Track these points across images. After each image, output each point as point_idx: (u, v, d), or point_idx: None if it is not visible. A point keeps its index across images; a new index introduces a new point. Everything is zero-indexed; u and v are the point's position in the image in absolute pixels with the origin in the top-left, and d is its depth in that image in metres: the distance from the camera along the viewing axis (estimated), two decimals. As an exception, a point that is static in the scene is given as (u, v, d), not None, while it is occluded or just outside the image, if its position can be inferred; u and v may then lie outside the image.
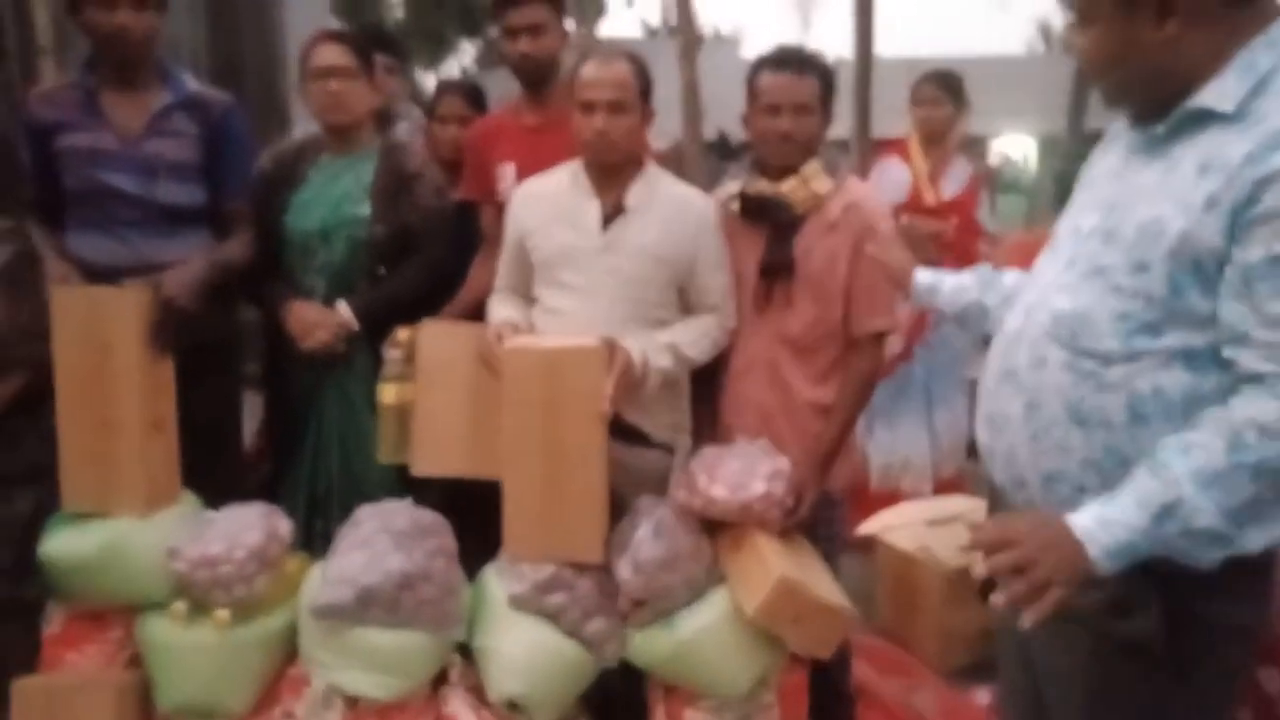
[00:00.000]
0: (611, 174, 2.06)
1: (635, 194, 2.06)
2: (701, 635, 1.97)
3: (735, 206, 2.12)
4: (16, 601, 2.03)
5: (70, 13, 2.12)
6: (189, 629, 1.88)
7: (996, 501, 1.51)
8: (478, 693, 1.96)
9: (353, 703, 1.85)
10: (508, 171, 2.33)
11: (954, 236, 3.38)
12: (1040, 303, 1.34)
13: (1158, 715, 1.30)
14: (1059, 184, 11.18)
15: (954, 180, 3.48)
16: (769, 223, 2.08)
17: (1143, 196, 1.23)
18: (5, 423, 2.02)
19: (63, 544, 1.93)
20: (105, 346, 1.93)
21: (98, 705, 1.86)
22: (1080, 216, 1.35)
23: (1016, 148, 16.21)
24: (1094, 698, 1.31)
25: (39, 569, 1.96)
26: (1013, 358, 1.35)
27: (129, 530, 1.93)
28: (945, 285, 1.76)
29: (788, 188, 2.04)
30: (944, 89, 3.44)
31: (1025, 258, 2.39)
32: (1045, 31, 32.20)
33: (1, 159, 2.33)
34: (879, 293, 2.06)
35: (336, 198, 2.26)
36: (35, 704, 1.85)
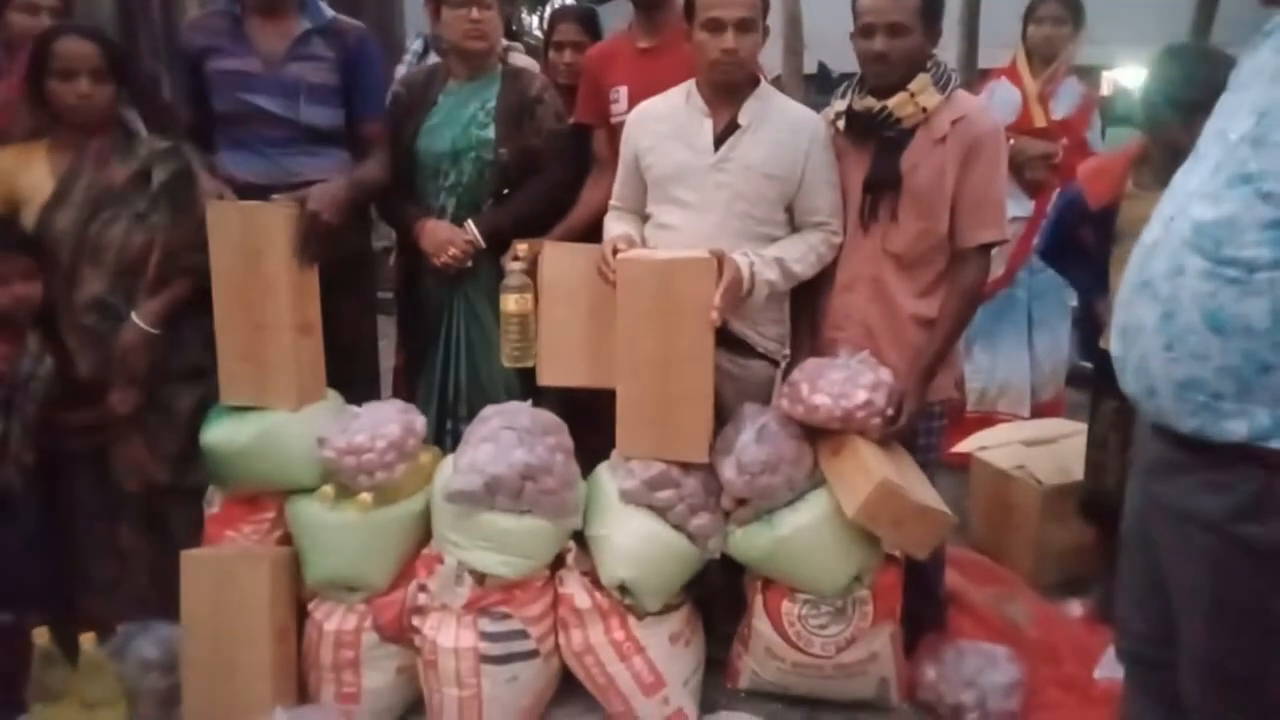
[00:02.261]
0: (727, 93, 2.11)
1: (748, 112, 2.11)
2: (800, 533, 2.08)
3: (842, 123, 2.15)
4: (182, 486, 2.27)
5: None
6: (335, 510, 2.07)
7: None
8: (591, 576, 2.12)
9: (480, 580, 2.03)
10: (621, 94, 2.39)
11: (1064, 158, 3.31)
12: (1179, 212, 1.30)
13: None
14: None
15: (1065, 101, 3.38)
16: (875, 138, 2.10)
17: None
18: (171, 327, 2.21)
19: (222, 434, 2.13)
20: (257, 256, 2.09)
21: (255, 575, 2.06)
22: (1228, 121, 1.29)
23: (1131, 78, 15.30)
24: (1219, 603, 1.29)
25: (201, 457, 2.18)
26: (1149, 268, 1.32)
27: (281, 421, 2.12)
28: None
29: (894, 102, 2.05)
30: (1066, 7, 3.33)
31: (1101, 181, 2.37)
32: (1169, -48, 29.91)
33: (152, 90, 2.53)
34: (987, 205, 2.07)
35: (464, 121, 2.38)
36: (202, 572, 2.07)
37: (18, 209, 2.15)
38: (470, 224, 2.37)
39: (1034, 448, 2.94)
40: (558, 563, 2.14)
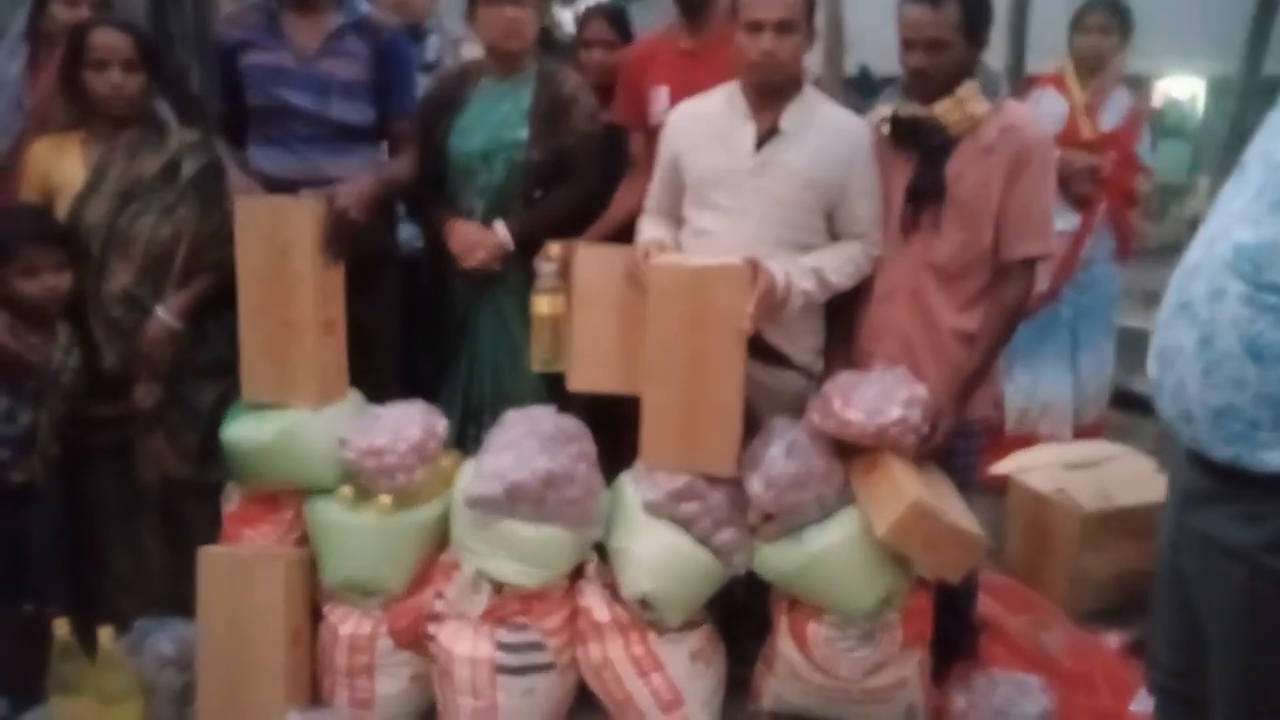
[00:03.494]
0: (769, 96, 2.06)
1: (791, 116, 2.06)
2: (829, 552, 2.02)
3: (886, 130, 2.09)
4: (201, 482, 2.26)
5: None
6: (354, 512, 2.05)
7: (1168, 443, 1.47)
8: (612, 589, 2.08)
9: (498, 588, 1.99)
10: (661, 95, 2.34)
11: (1111, 171, 3.21)
12: (1222, 233, 1.28)
13: None
14: (1231, 130, 10.31)
15: (1113, 112, 3.28)
16: (920, 146, 2.04)
17: None
18: (196, 322, 2.21)
19: (242, 431, 2.12)
20: (283, 252, 2.07)
21: (271, 575, 2.04)
22: (1273, 141, 1.27)
23: (1183, 90, 15.01)
24: (1251, 635, 1.28)
25: (221, 453, 2.17)
26: (1189, 290, 1.31)
27: (302, 420, 2.10)
28: None
29: (941, 109, 1.99)
30: (1113, 16, 3.24)
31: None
32: (1223, -36, 29.40)
33: (182, 82, 2.53)
34: (1033, 217, 2.00)
35: (497, 122, 2.35)
36: (218, 570, 2.06)
37: (52, 199, 2.16)
38: (500, 226, 2.33)
39: (1075, 471, 2.85)
40: (578, 574, 2.10)
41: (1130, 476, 2.82)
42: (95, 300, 2.14)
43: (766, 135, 2.07)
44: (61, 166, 2.16)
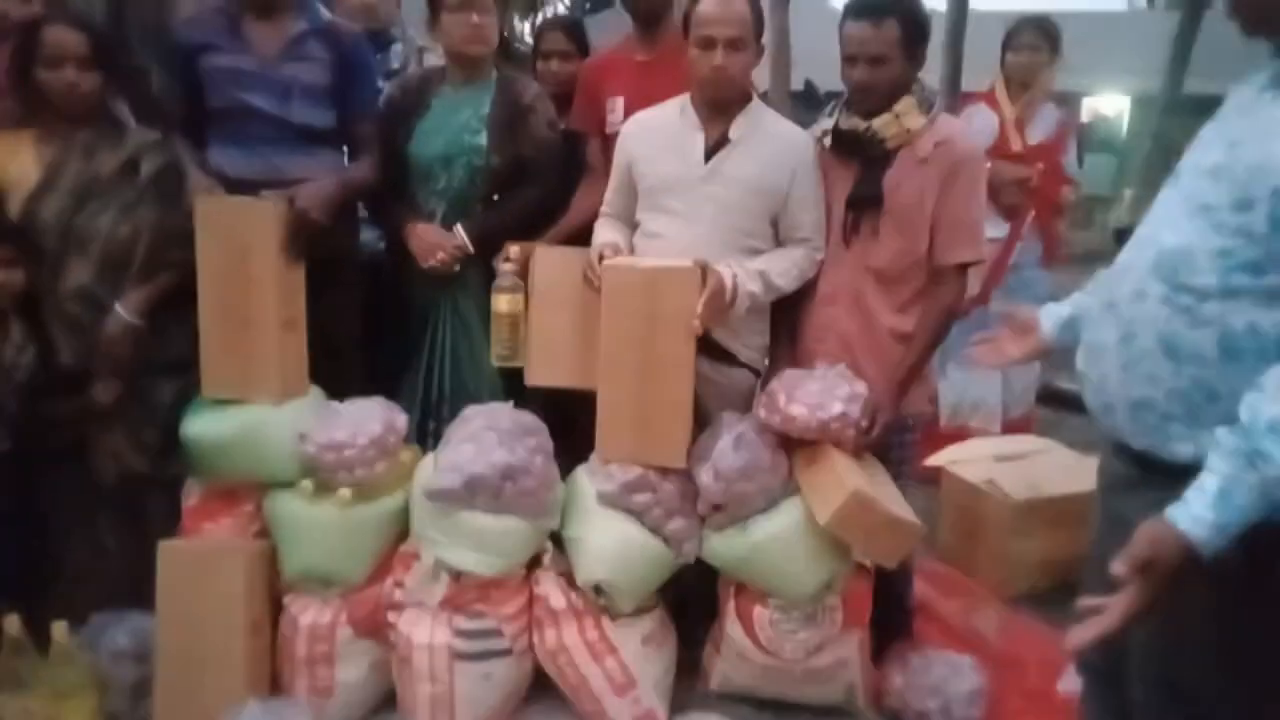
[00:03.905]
0: (719, 108, 2.15)
1: (739, 127, 2.15)
2: (773, 540, 2.11)
3: (828, 141, 2.20)
4: (160, 477, 2.27)
5: None
6: (314, 505, 2.09)
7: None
8: (567, 577, 2.15)
9: (456, 577, 2.04)
10: (617, 105, 2.43)
11: (1039, 182, 3.38)
12: (1149, 238, 1.35)
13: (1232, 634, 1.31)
14: (1154, 145, 10.75)
15: (1041, 126, 3.47)
16: (860, 157, 2.15)
17: (1263, 133, 1.22)
18: (155, 319, 2.21)
19: (203, 426, 2.14)
20: (244, 251, 2.10)
21: (232, 568, 2.07)
22: (1203, 152, 1.33)
23: (1110, 106, 15.58)
24: (1166, 616, 1.29)
25: (180, 449, 2.18)
26: (1116, 289, 1.38)
27: (263, 416, 2.13)
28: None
29: (880, 123, 2.10)
30: (1042, 36, 3.41)
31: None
32: (1149, -16, 30.41)
33: (140, 81, 2.53)
34: (966, 225, 2.12)
35: (457, 127, 2.40)
36: (178, 563, 2.07)
37: (2, 197, 2.14)
38: (459, 229, 2.39)
39: (1004, 463, 3.00)
40: (534, 563, 2.17)
41: (1057, 468, 2.98)
42: (52, 297, 2.14)
43: (716, 145, 2.16)
44: (14, 164, 2.14)
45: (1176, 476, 1.26)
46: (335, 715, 2.09)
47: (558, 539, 2.19)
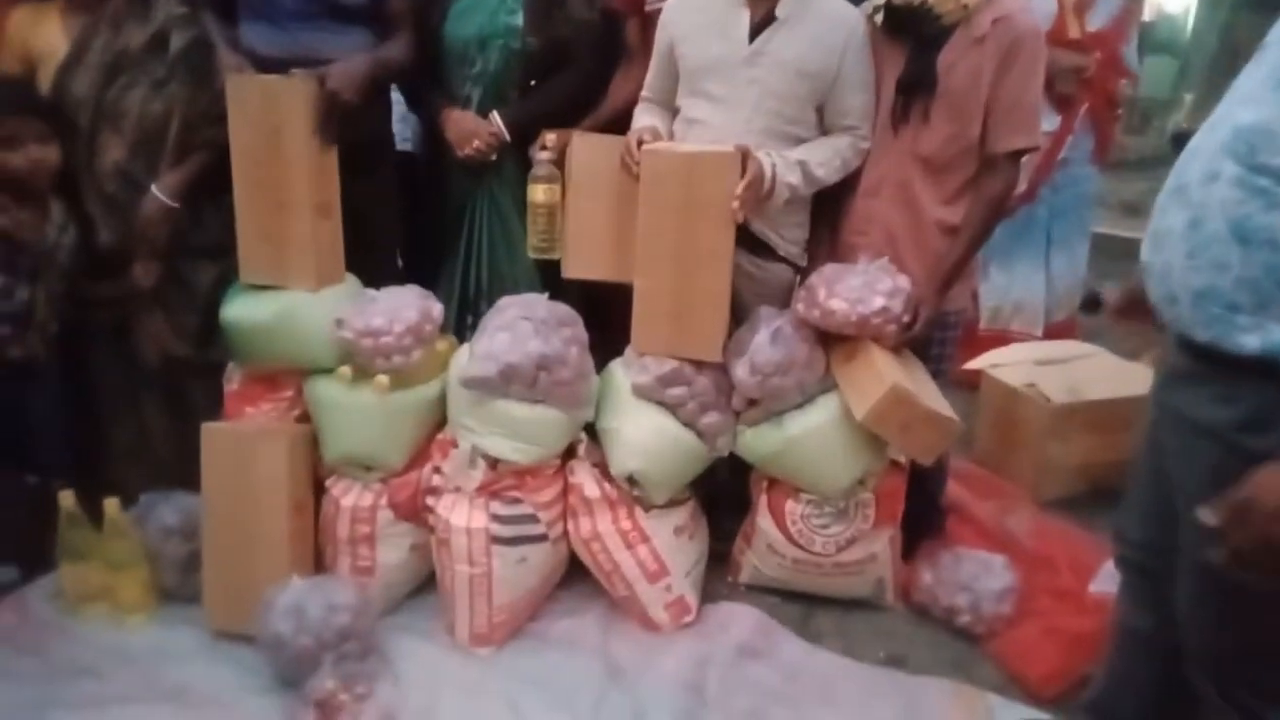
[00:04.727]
0: None
1: (786, 5, 2.04)
2: (808, 435, 2.11)
3: (879, 19, 2.09)
4: (202, 361, 2.30)
5: None
6: (352, 390, 2.10)
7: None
8: (601, 468, 2.17)
9: (493, 464, 2.07)
10: None
11: (1096, 72, 3.22)
12: (1225, 116, 1.26)
13: None
14: (1221, 46, 10.19)
15: (1101, 12, 3.26)
16: (913, 36, 2.04)
17: None
18: (191, 203, 2.21)
19: (241, 311, 2.15)
20: (276, 132, 2.06)
21: (274, 450, 2.09)
22: None
23: (1175, 4, 14.76)
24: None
25: (221, 333, 2.20)
26: (1186, 173, 1.29)
27: (300, 301, 2.13)
28: None
29: None
30: None
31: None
32: None
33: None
34: (1022, 109, 2.02)
35: (493, 7, 2.30)
36: (222, 445, 2.11)
37: (33, 70, 2.12)
38: (495, 116, 2.32)
39: (1045, 367, 2.95)
40: (569, 453, 2.19)
41: (1099, 373, 2.93)
42: (89, 175, 2.13)
43: (762, 23, 2.06)
44: (41, 36, 2.11)
45: (1238, 370, 1.22)
46: (377, 594, 2.14)
47: (592, 430, 2.20)
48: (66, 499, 2.08)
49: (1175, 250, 1.29)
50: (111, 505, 2.09)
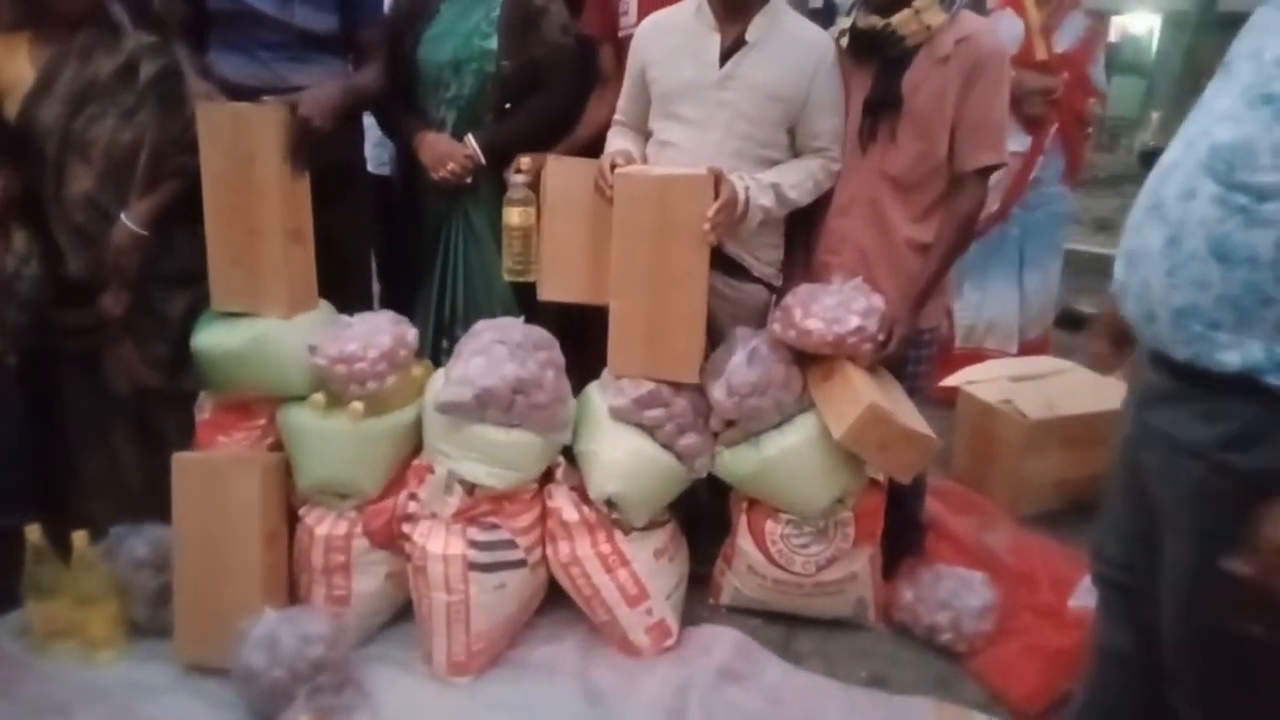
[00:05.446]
0: (737, 8, 2.06)
1: (756, 28, 2.06)
2: (786, 455, 2.11)
3: (845, 42, 2.12)
4: (174, 391, 2.27)
5: None
6: (326, 418, 2.08)
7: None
8: (579, 491, 2.15)
9: (470, 490, 2.05)
10: (631, 7, 2.33)
11: (1064, 92, 3.28)
12: (1201, 134, 1.26)
13: None
14: (1185, 65, 10.41)
15: (1068, 34, 3.33)
16: (878, 58, 2.06)
17: None
18: (162, 231, 2.18)
19: (213, 339, 2.13)
20: (247, 159, 2.05)
21: (247, 479, 2.07)
22: (1264, 39, 1.24)
23: (1139, 25, 15.07)
24: (1200, 530, 1.29)
25: (192, 362, 2.18)
26: (1161, 191, 1.29)
27: (272, 328, 2.11)
28: None
29: (898, 20, 2.01)
30: None
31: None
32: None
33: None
34: (988, 127, 2.05)
35: (466, 31, 2.31)
36: (193, 475, 2.07)
37: None
38: (470, 139, 2.32)
39: (1020, 383, 2.98)
40: (547, 477, 2.17)
41: (1074, 388, 2.95)
42: (57, 205, 2.11)
43: (733, 47, 2.08)
44: (10, 67, 2.09)
45: (1220, 387, 1.22)
46: (352, 624, 2.11)
47: (570, 453, 2.18)
48: (33, 533, 2.04)
49: (1153, 268, 1.29)
50: (80, 538, 2.06)
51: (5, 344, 2.08)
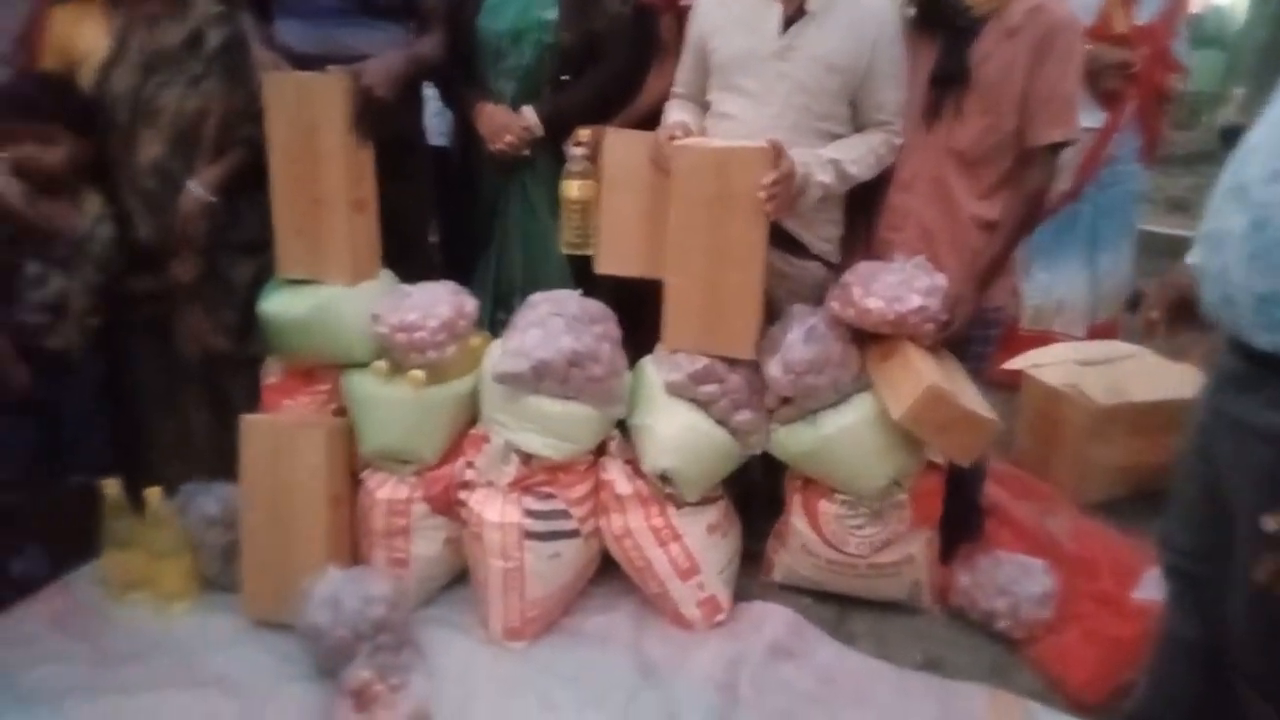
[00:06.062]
0: None
1: None
2: (843, 434, 2.09)
3: (911, 11, 2.06)
4: (241, 356, 2.34)
5: None
6: (388, 385, 2.12)
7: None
8: (633, 464, 2.16)
9: (525, 460, 2.07)
10: None
11: (1143, 67, 3.14)
12: None
13: None
14: (1271, 36, 9.91)
15: (1149, 6, 3.19)
16: (945, 28, 2.01)
17: None
18: (229, 199, 2.24)
19: (279, 305, 2.18)
20: (311, 128, 2.09)
21: (312, 442, 2.12)
22: None
23: (1225, -5, 14.39)
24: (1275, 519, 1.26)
25: (258, 328, 2.24)
26: (1245, 172, 1.26)
27: (336, 296, 2.16)
28: None
29: None
30: None
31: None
32: None
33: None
34: (1058, 101, 1.97)
35: (526, 1, 2.31)
36: (261, 437, 2.14)
37: (74, 68, 2.16)
38: (528, 110, 2.33)
39: (1088, 368, 2.89)
40: (601, 449, 2.18)
41: (1143, 374, 2.86)
42: (127, 171, 2.18)
43: (793, 17, 2.04)
44: (84, 35, 2.16)
45: None
46: (412, 586, 2.16)
47: (624, 427, 2.19)
48: (111, 488, 2.13)
49: (1235, 253, 1.25)
50: (154, 494, 2.14)
51: (86, 302, 2.15)
